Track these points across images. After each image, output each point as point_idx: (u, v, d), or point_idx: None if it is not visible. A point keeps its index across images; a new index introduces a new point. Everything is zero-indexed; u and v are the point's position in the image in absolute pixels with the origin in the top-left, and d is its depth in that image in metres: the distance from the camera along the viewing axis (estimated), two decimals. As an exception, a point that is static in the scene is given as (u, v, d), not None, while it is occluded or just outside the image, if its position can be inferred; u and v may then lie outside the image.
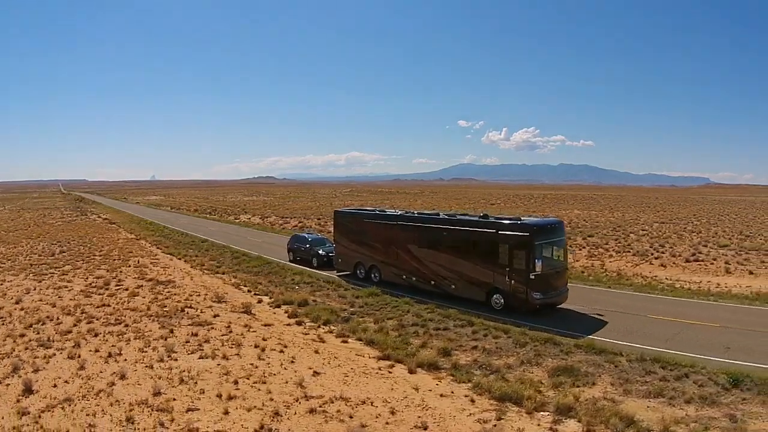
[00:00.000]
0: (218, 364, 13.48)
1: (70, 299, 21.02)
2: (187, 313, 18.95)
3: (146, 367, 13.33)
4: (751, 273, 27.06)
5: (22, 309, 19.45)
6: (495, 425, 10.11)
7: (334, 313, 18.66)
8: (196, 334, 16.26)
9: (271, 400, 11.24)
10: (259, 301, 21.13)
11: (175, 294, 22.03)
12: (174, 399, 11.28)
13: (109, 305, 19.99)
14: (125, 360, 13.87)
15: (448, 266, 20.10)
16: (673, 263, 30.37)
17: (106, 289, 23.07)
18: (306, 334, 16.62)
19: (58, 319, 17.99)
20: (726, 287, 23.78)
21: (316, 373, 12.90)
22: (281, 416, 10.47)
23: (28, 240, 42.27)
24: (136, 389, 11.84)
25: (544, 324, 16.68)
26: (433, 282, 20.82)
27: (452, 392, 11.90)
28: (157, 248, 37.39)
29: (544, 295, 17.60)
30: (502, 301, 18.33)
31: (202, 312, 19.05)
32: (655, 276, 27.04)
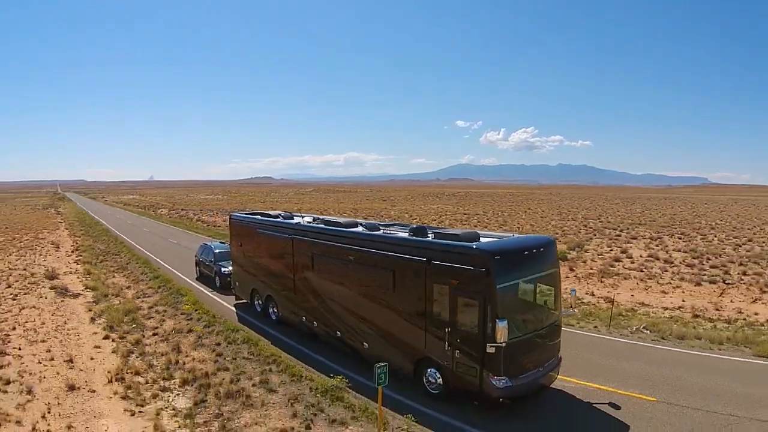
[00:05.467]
0: None
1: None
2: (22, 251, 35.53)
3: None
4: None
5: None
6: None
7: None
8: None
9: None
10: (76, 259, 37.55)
11: (20, 243, 38.47)
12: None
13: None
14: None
15: (356, 311, 12.69)
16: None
17: (5, 242, 39.76)
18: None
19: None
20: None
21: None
22: None
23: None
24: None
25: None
26: (338, 333, 13.46)
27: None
28: (66, 228, 53.99)
29: (514, 379, 9.69)
30: (440, 380, 10.61)
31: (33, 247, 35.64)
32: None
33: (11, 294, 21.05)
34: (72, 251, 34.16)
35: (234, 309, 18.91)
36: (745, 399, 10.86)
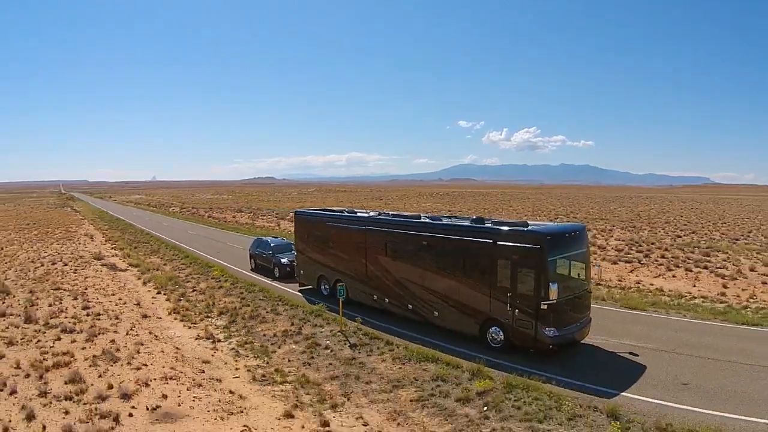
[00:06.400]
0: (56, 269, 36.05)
1: (20, 238, 43.78)
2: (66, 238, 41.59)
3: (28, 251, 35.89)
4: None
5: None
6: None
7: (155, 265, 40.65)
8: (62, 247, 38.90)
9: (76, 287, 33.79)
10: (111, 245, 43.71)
11: (56, 235, 44.68)
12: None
13: (33, 240, 42.55)
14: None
15: (428, 286, 15.48)
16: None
17: (40, 234, 45.83)
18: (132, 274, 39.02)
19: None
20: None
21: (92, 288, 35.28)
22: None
23: (17, 219, 65.43)
24: None
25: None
26: (410, 306, 16.21)
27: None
28: (90, 223, 60.13)
29: (560, 330, 12.82)
30: (502, 336, 13.65)
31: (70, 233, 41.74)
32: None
33: (71, 269, 27.11)
34: (105, 241, 40.25)
35: (300, 294, 21.21)
36: (593, 328, 15.36)
